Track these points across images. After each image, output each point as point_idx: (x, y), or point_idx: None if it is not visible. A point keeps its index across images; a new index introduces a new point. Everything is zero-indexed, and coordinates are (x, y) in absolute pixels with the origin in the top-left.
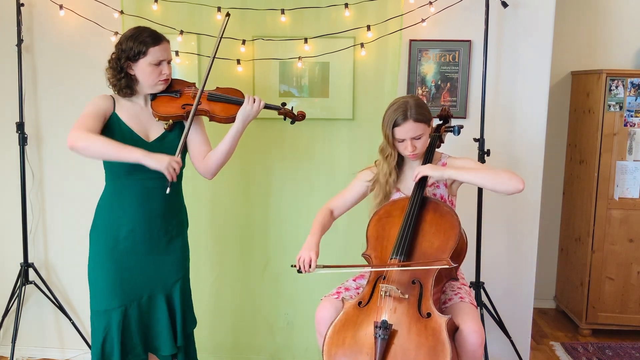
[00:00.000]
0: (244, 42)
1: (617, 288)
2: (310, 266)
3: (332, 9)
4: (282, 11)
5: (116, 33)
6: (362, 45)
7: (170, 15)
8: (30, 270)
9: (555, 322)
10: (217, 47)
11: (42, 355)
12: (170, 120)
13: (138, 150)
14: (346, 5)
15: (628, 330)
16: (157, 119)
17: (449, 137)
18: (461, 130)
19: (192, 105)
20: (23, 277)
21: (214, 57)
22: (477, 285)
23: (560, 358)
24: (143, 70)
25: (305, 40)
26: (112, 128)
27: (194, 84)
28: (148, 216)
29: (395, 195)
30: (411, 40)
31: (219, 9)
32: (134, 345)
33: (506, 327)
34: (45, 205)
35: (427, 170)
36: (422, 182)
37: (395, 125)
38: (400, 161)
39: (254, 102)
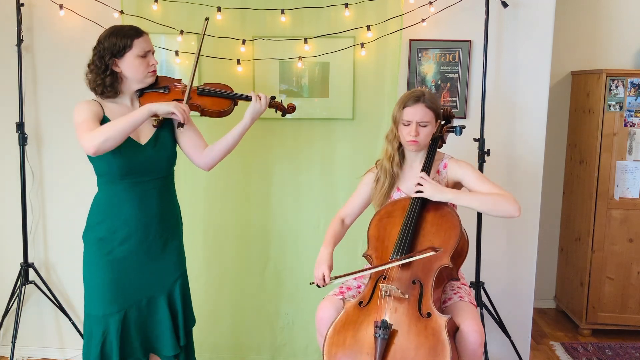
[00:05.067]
0: (244, 42)
1: (617, 288)
2: (324, 281)
3: (332, 9)
4: (282, 11)
5: None
6: (362, 45)
7: (170, 15)
8: (30, 270)
9: (555, 322)
10: (201, 46)
11: (42, 355)
12: (160, 117)
13: (144, 107)
14: (346, 5)
15: (628, 330)
16: None
17: (450, 137)
18: (463, 130)
19: (182, 100)
20: (23, 277)
21: (199, 55)
22: (477, 285)
23: (560, 358)
24: (131, 64)
25: (305, 40)
26: None
27: (180, 79)
28: (143, 220)
29: (396, 195)
30: (411, 40)
31: (219, 8)
32: (133, 350)
33: (506, 327)
34: (45, 205)
35: (428, 191)
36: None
37: (406, 105)
38: (402, 160)
39: (261, 99)
